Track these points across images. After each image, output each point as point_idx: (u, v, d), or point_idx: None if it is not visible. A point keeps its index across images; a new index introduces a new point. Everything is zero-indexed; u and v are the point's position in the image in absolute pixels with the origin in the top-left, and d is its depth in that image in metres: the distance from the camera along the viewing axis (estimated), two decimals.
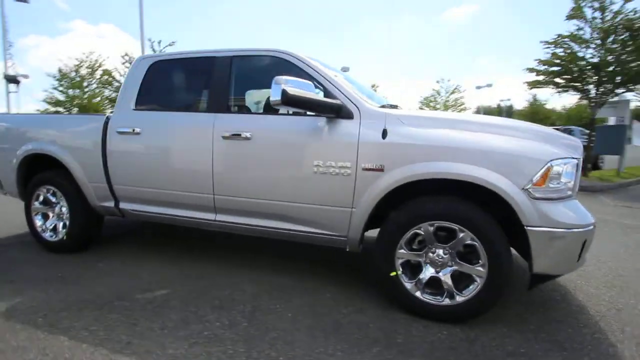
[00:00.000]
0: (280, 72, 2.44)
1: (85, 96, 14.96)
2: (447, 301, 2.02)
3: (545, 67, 9.38)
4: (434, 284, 2.06)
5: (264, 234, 2.51)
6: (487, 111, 37.59)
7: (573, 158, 1.93)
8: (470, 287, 1.98)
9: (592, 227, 1.92)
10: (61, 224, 3.15)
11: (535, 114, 32.82)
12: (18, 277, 2.60)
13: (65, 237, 3.07)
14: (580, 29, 8.29)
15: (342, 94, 2.20)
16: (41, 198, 3.21)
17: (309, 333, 1.90)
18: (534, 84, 9.61)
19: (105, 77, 12.98)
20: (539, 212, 1.83)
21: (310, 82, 2.09)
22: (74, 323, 1.95)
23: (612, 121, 11.37)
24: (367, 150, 2.06)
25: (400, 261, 2.08)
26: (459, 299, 1.99)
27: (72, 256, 3.02)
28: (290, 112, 2.34)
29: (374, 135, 2.06)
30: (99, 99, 16.20)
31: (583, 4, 8.05)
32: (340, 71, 2.81)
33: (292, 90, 1.92)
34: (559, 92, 9.27)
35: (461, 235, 1.95)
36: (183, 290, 2.39)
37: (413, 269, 2.11)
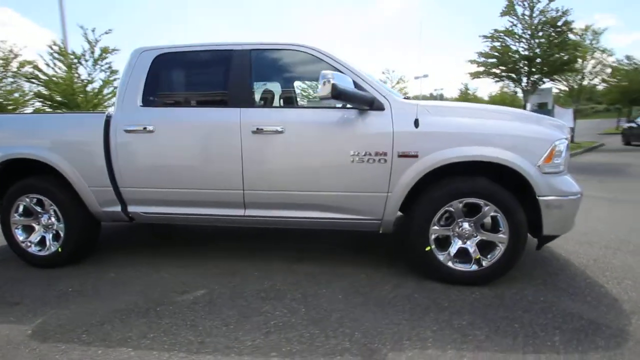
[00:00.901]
0: (305, 66, 2.51)
1: (1, 92, 12.81)
2: (474, 267, 2.32)
3: (484, 59, 10.47)
4: (461, 254, 2.35)
5: (295, 225, 2.57)
6: (423, 99, 40.26)
7: (565, 138, 2.34)
8: (494, 252, 2.30)
9: (581, 195, 2.35)
10: (50, 235, 2.84)
11: (466, 101, 36.18)
12: (20, 297, 2.33)
13: (60, 250, 2.78)
14: (514, 25, 9.43)
15: (372, 87, 2.34)
16: (21, 209, 2.85)
17: (366, 309, 2.06)
18: (475, 75, 10.71)
19: (27, 68, 11.17)
20: (548, 184, 2.20)
21: (348, 77, 2.20)
22: (128, 333, 1.86)
23: (528, 107, 13.19)
24: (402, 139, 2.25)
25: (433, 236, 2.33)
26: (485, 264, 2.31)
27: (69, 269, 2.75)
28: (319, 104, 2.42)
29: (408, 125, 2.26)
30: (17, 94, 14.00)
31: (515, 1, 9.16)
32: None
33: (340, 85, 2.02)
34: (496, 81, 10.47)
35: (486, 209, 2.25)
36: (221, 288, 2.37)
37: (441, 242, 2.38)
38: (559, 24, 8.68)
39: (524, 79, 9.72)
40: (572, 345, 1.71)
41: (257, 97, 2.63)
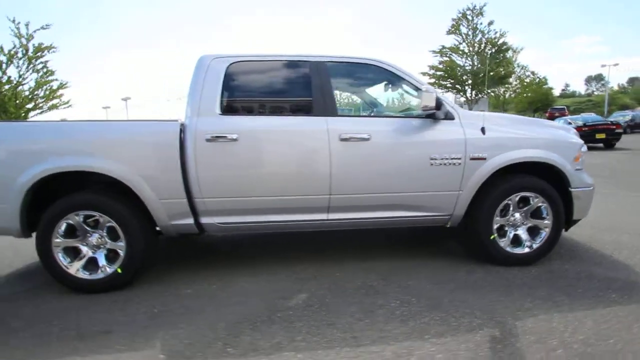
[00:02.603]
0: (377, 80, 2.76)
1: None
2: (527, 250, 2.80)
3: (433, 71, 11.76)
4: (514, 240, 2.81)
5: (372, 225, 2.79)
6: None
7: (583, 143, 2.97)
8: (540, 236, 2.80)
9: (594, 187, 2.99)
10: (102, 255, 2.59)
11: None
12: (104, 325, 2.11)
13: (119, 270, 2.54)
14: (460, 43, 10.84)
15: (443, 99, 2.69)
16: (63, 229, 2.53)
17: (465, 292, 2.37)
18: None
19: None
20: (578, 179, 2.79)
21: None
22: (274, 340, 1.88)
23: None
24: (473, 144, 2.63)
25: (495, 226, 2.75)
26: (534, 246, 2.80)
27: (125, 292, 2.53)
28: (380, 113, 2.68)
29: (477, 132, 2.65)
30: None
31: (461, 22, 10.57)
32: None
33: (442, 98, 2.32)
34: (445, 92, 11.84)
35: (535, 200, 2.75)
36: (317, 290, 2.46)
37: (499, 231, 2.81)
38: (499, 43, 10.33)
39: (469, 90, 11.27)
40: (626, 298, 2.25)
41: (340, 106, 2.78)
